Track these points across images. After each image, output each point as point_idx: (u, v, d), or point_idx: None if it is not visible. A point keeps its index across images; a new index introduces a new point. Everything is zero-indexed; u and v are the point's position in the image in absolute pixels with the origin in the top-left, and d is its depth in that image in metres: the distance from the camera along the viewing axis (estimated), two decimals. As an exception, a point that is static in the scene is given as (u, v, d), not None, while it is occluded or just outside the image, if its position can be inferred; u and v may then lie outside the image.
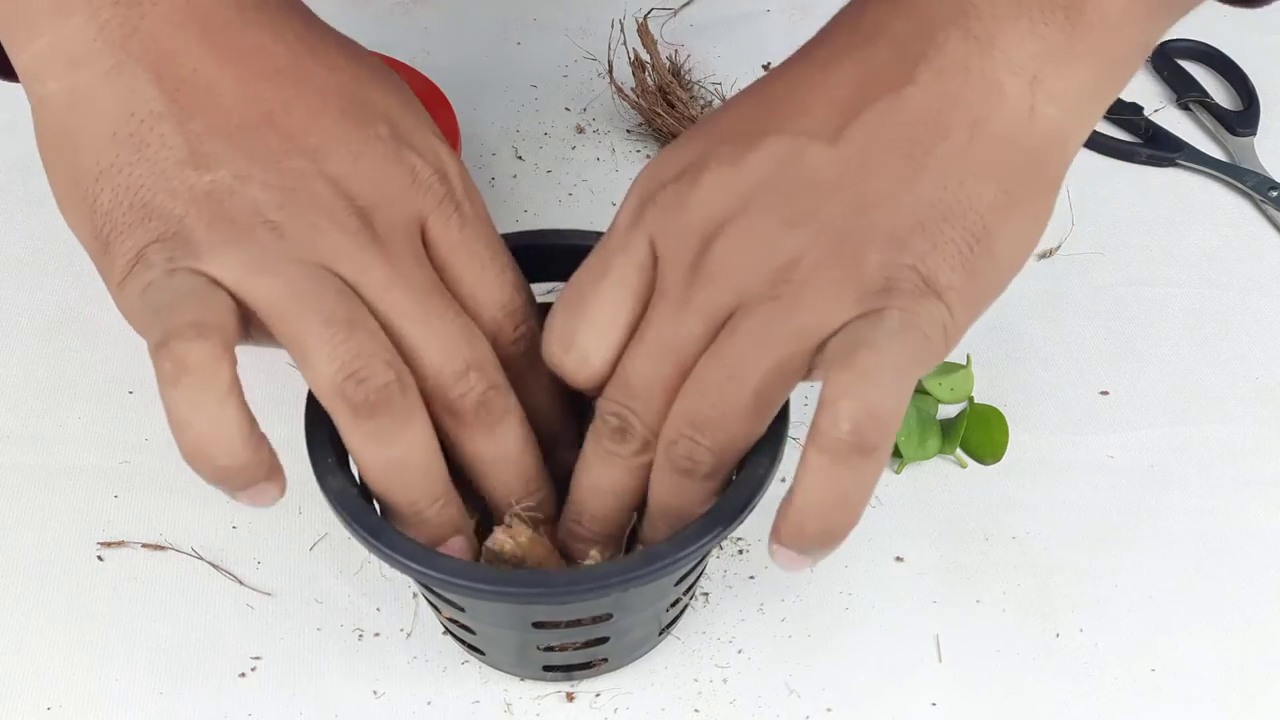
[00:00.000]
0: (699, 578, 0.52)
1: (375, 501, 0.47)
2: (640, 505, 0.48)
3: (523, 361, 0.49)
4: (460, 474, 0.48)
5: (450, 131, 0.67)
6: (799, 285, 0.43)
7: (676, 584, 0.49)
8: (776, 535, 0.42)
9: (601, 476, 0.47)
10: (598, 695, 0.53)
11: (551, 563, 0.48)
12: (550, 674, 0.52)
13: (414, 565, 0.44)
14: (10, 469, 0.59)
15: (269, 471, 0.43)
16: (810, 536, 0.41)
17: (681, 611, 0.54)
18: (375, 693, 0.53)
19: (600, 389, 0.47)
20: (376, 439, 0.44)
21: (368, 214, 0.45)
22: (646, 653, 0.53)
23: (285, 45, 0.47)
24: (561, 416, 0.51)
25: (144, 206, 0.43)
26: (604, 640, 0.50)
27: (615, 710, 0.52)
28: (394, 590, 0.55)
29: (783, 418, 0.47)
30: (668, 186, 0.46)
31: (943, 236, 0.43)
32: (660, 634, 0.53)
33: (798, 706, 0.52)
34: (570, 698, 0.52)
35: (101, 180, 0.44)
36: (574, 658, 0.51)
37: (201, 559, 0.56)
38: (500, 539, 0.47)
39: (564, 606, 0.47)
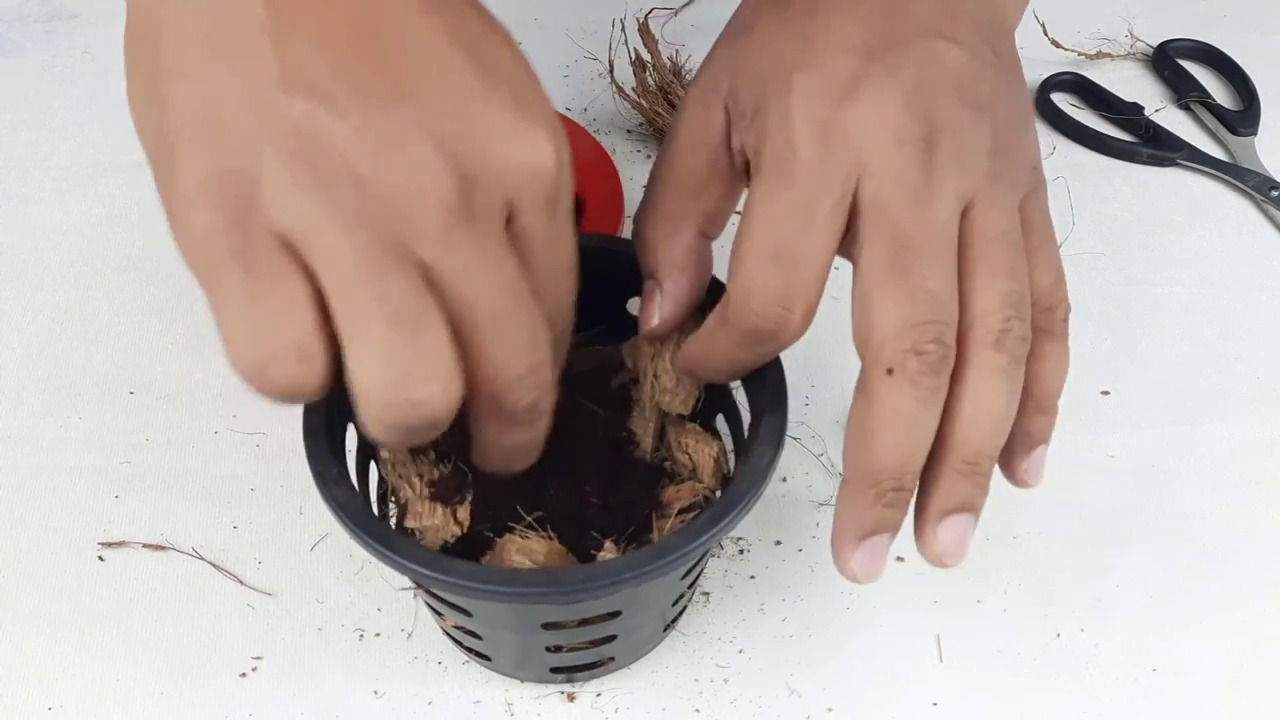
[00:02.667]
0: (701, 572, 0.52)
1: (379, 505, 0.47)
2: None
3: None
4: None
5: None
6: (1007, 161, 0.45)
7: (683, 577, 0.50)
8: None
9: (918, 424, 0.42)
10: (598, 695, 0.53)
11: (562, 562, 0.48)
12: (557, 676, 0.52)
13: (425, 571, 0.43)
14: (10, 469, 0.59)
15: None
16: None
17: (685, 607, 0.54)
18: (376, 693, 0.53)
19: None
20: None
21: (468, 185, 0.39)
22: (651, 650, 0.53)
23: None
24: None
25: (219, 122, 0.38)
26: (612, 638, 0.49)
27: (616, 710, 0.52)
28: (394, 590, 0.55)
29: (782, 414, 0.47)
30: (848, 110, 0.43)
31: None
32: (665, 630, 0.53)
33: (798, 706, 0.52)
34: (571, 698, 0.52)
35: (179, 81, 0.39)
36: (581, 658, 0.50)
37: (202, 559, 0.56)
38: (519, 560, 0.47)
39: (576, 605, 0.46)
